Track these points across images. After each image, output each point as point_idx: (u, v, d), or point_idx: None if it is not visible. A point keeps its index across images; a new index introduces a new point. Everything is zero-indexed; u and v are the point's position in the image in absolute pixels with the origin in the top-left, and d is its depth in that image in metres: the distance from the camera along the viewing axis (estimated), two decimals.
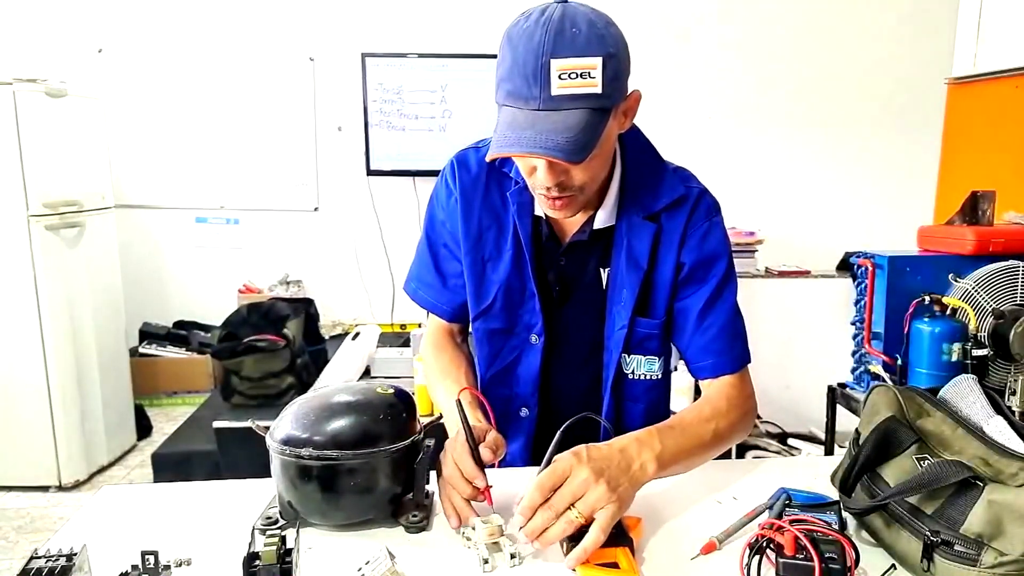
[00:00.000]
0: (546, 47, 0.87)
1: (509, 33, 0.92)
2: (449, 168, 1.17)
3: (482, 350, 1.18)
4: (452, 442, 0.96)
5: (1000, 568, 0.72)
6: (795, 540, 0.76)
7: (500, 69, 0.93)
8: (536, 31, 0.88)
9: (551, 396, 1.17)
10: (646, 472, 0.90)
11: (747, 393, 1.12)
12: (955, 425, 0.85)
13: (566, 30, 0.88)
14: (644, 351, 1.12)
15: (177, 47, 4.01)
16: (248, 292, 4.09)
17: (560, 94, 0.88)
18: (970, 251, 1.77)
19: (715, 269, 1.11)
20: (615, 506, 0.83)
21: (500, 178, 1.14)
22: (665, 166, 1.13)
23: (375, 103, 4.00)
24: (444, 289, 1.21)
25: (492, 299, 1.14)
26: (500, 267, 1.13)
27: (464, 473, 0.90)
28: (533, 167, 0.97)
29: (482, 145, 1.16)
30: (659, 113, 4.07)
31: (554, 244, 1.12)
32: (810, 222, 4.19)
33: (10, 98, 2.78)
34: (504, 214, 1.13)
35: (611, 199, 1.09)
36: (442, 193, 1.18)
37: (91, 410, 3.16)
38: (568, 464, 0.86)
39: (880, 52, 4.08)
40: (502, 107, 0.94)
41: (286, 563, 0.74)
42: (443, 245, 1.20)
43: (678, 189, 1.10)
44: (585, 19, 0.90)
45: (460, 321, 1.24)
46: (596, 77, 0.88)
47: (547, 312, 1.12)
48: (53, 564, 0.70)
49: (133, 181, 4.11)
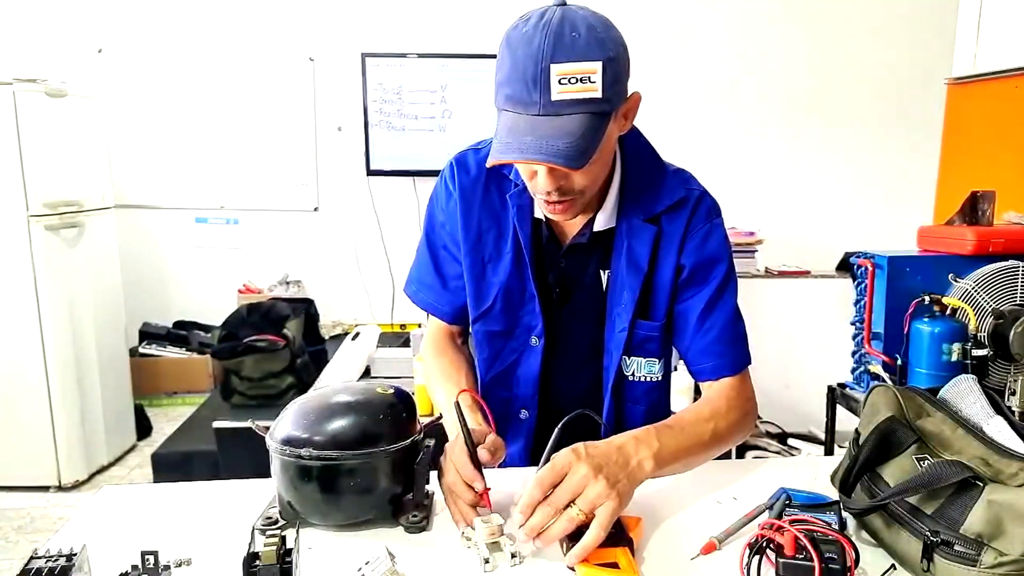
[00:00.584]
0: (545, 52, 0.87)
1: (508, 37, 0.92)
2: (448, 170, 1.16)
3: (482, 352, 1.18)
4: (452, 445, 0.96)
5: (1000, 568, 0.72)
6: (795, 540, 0.76)
7: (499, 73, 0.92)
8: (535, 35, 0.88)
9: (551, 398, 1.17)
10: (644, 469, 0.90)
11: (747, 395, 1.12)
12: (955, 425, 0.85)
13: (565, 34, 0.87)
14: (644, 353, 1.12)
15: (177, 47, 4.01)
16: (248, 292, 4.09)
17: (560, 99, 0.88)
18: (970, 251, 1.77)
19: (715, 271, 1.10)
20: (615, 502, 0.83)
21: (500, 180, 1.13)
22: (665, 167, 1.13)
23: (375, 103, 4.00)
24: (444, 291, 1.20)
25: (492, 301, 1.13)
26: (500, 269, 1.12)
27: (462, 476, 0.90)
28: (533, 172, 0.97)
29: (481, 146, 1.16)
30: (659, 113, 4.08)
31: (554, 246, 1.12)
32: (810, 222, 4.20)
33: (10, 98, 2.78)
34: (504, 216, 1.12)
35: (611, 201, 1.09)
36: (441, 195, 1.18)
37: (91, 410, 3.16)
38: (567, 461, 0.85)
39: (880, 52, 4.08)
40: (501, 112, 0.93)
41: (286, 563, 0.74)
42: (443, 247, 1.19)
43: (679, 191, 1.10)
44: (584, 23, 0.89)
45: (461, 323, 1.24)
46: (596, 82, 0.88)
47: (547, 314, 1.12)
48: (53, 564, 0.70)
49: (133, 181, 4.11)
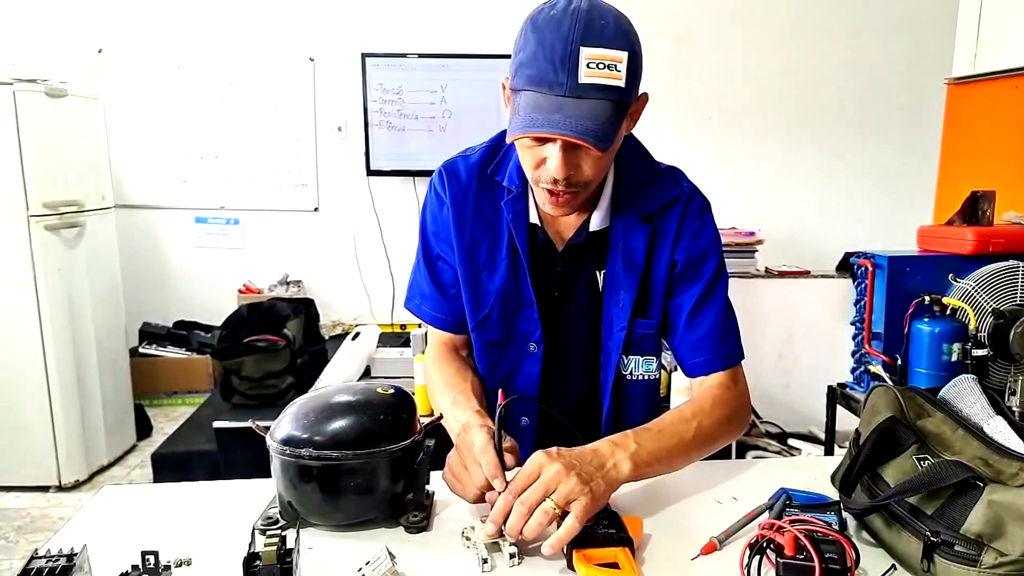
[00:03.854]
0: (576, 35, 0.87)
1: (534, 20, 0.92)
2: (438, 178, 1.15)
3: (481, 362, 1.17)
4: (468, 441, 0.93)
5: (1000, 568, 0.72)
6: (795, 540, 0.76)
7: (521, 54, 0.92)
8: (564, 19, 0.88)
9: (551, 403, 1.16)
10: (620, 471, 0.90)
11: (737, 392, 1.11)
12: (955, 425, 0.85)
13: (595, 20, 0.88)
14: (642, 351, 1.12)
15: (177, 47, 4.01)
16: (248, 292, 4.09)
17: (587, 83, 0.88)
18: (970, 251, 1.77)
19: (707, 267, 1.11)
20: (588, 498, 0.83)
21: (491, 187, 1.12)
22: (657, 166, 1.13)
23: (375, 103, 4.00)
24: (446, 301, 1.19)
25: (489, 309, 1.13)
26: (496, 276, 1.12)
27: (486, 471, 0.88)
28: (543, 158, 0.95)
29: (470, 153, 1.15)
30: (659, 114, 4.07)
31: (550, 250, 1.11)
32: (810, 222, 4.19)
33: (10, 98, 2.78)
34: (497, 223, 1.12)
35: (605, 201, 1.09)
36: (433, 204, 1.16)
37: (91, 410, 3.16)
38: (539, 463, 0.86)
39: (880, 52, 4.08)
40: (521, 91, 0.92)
41: (286, 563, 0.74)
42: (439, 257, 1.18)
43: (673, 190, 1.10)
44: (611, 14, 0.91)
45: (465, 332, 1.21)
46: (621, 71, 0.89)
47: (545, 320, 1.12)
48: (53, 564, 0.70)
49: (133, 181, 4.11)
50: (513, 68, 0.94)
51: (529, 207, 1.09)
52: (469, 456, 0.91)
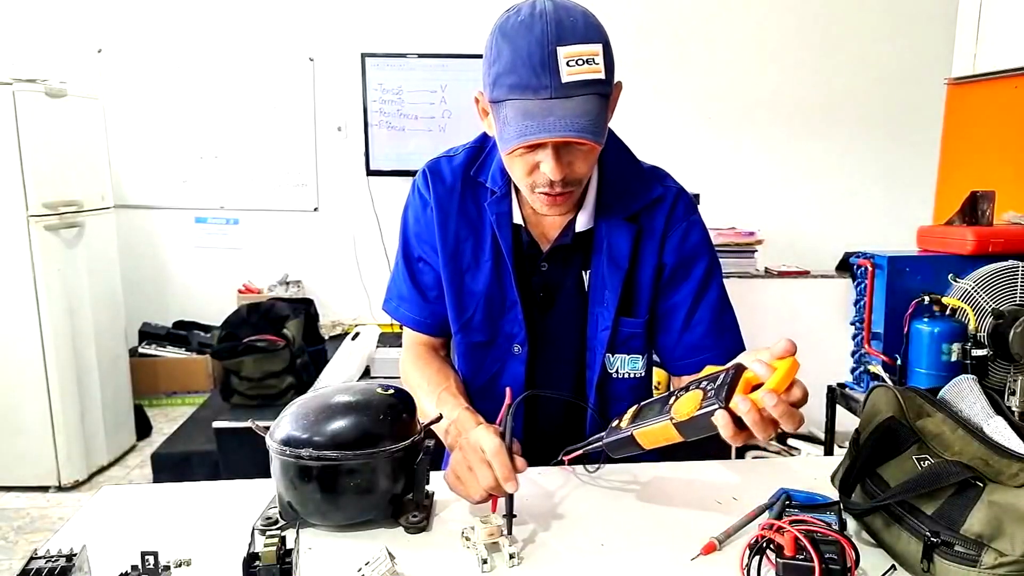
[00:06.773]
0: (550, 36, 0.87)
1: (502, 28, 0.92)
2: (421, 178, 1.14)
3: (464, 365, 1.16)
4: (475, 443, 0.91)
5: (1000, 568, 0.72)
6: (795, 540, 0.76)
7: (497, 65, 0.91)
8: (535, 23, 0.89)
9: (536, 405, 1.15)
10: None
11: None
12: (955, 425, 0.85)
13: (564, 19, 0.89)
14: (628, 350, 1.12)
15: (177, 47, 4.01)
16: (248, 292, 4.09)
17: (570, 81, 0.88)
18: (970, 251, 1.76)
19: (697, 267, 1.11)
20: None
21: (475, 188, 1.12)
22: (640, 166, 1.13)
23: (375, 103, 4.00)
24: (425, 303, 1.18)
25: (472, 311, 1.12)
26: (479, 278, 1.11)
27: (499, 474, 0.86)
28: (536, 163, 0.95)
29: (453, 154, 1.15)
30: (659, 114, 4.08)
31: (534, 251, 1.11)
32: (810, 222, 4.20)
33: (10, 98, 2.78)
34: (481, 224, 1.11)
35: (590, 201, 1.09)
36: (416, 205, 1.16)
37: (91, 410, 3.16)
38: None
39: (880, 52, 4.08)
40: (504, 102, 0.92)
41: (286, 563, 0.74)
42: (419, 259, 1.17)
43: (656, 189, 1.10)
44: (577, 10, 0.91)
45: (444, 335, 1.20)
46: (600, 63, 0.89)
47: (529, 320, 1.11)
48: (53, 564, 0.70)
49: (133, 181, 4.11)
50: (490, 80, 0.93)
51: (513, 208, 1.09)
52: (477, 458, 0.89)
